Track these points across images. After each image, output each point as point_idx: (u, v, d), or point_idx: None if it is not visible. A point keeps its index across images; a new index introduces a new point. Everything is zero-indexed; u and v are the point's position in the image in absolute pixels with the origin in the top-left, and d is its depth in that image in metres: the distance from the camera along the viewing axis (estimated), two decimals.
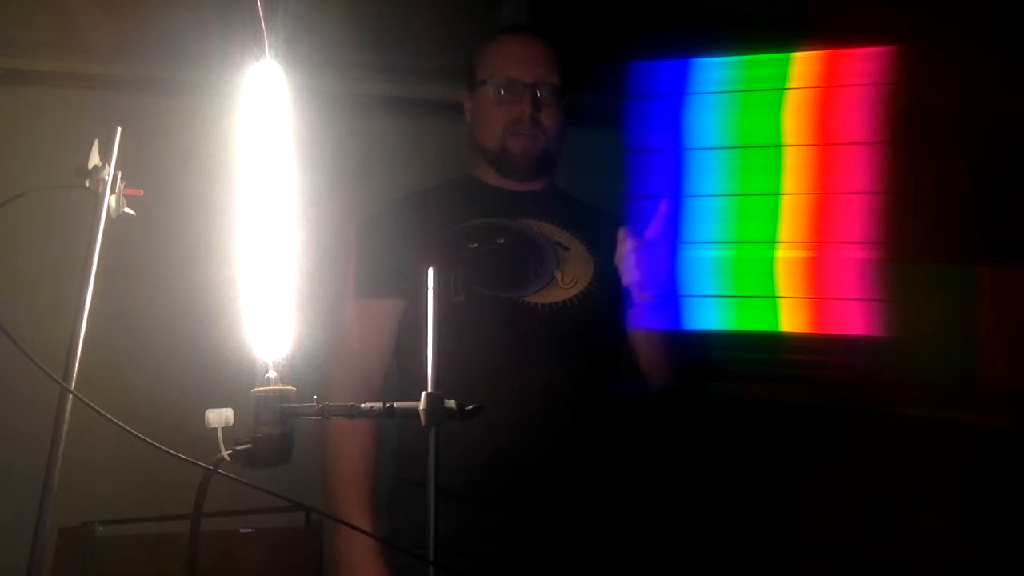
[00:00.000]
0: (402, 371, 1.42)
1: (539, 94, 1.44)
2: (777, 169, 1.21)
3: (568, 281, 1.39)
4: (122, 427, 0.75)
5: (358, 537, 1.29)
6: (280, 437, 0.80)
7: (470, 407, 0.80)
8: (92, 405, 0.77)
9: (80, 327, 0.89)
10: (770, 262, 1.20)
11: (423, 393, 0.80)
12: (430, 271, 0.83)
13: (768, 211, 1.21)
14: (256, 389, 0.82)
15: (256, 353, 0.83)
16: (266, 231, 0.86)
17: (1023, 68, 1.45)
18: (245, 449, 0.79)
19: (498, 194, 1.49)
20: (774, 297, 1.19)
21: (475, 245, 1.38)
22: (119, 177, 0.96)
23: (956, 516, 1.47)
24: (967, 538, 1.47)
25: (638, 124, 1.30)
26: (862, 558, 1.56)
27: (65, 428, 0.86)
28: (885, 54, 1.19)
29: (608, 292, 1.36)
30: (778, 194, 1.21)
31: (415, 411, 0.79)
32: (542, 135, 1.45)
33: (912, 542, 1.54)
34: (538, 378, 1.31)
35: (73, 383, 0.87)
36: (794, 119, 1.21)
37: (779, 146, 1.21)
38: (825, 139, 1.20)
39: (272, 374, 0.82)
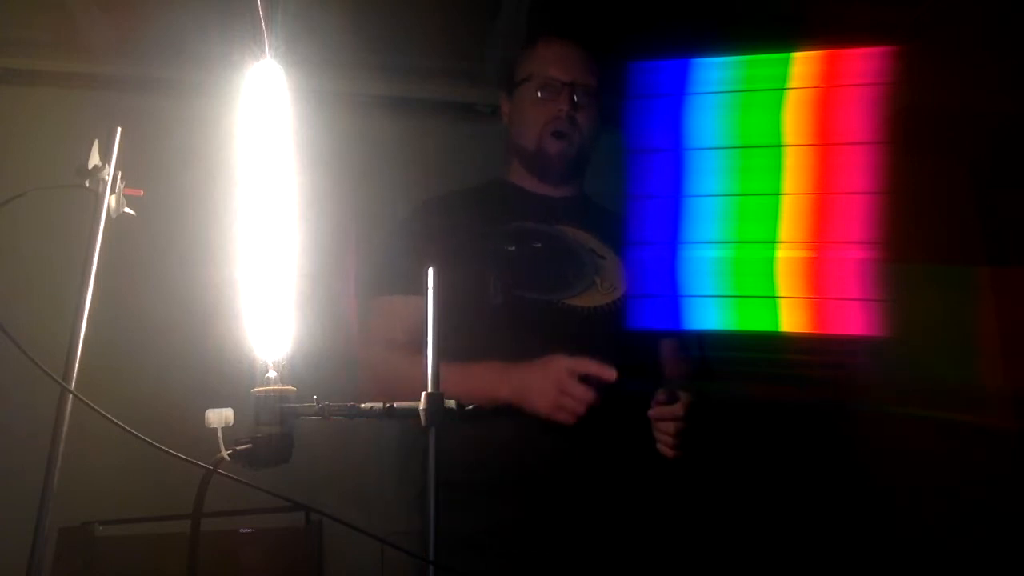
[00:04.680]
0: None
1: (576, 95, 1.45)
2: (777, 169, 1.21)
3: (607, 287, 1.40)
4: (122, 427, 0.75)
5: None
6: (280, 437, 0.80)
7: (469, 407, 0.80)
8: (92, 405, 0.77)
9: (80, 327, 0.89)
10: (770, 262, 1.20)
11: (423, 393, 0.80)
12: (430, 272, 0.83)
13: (768, 211, 1.21)
14: (256, 389, 0.82)
15: (256, 353, 0.83)
16: (266, 231, 0.86)
17: (1023, 68, 1.45)
18: (245, 449, 0.79)
19: (531, 199, 1.50)
20: (774, 297, 1.19)
21: (513, 248, 1.39)
22: (119, 177, 0.96)
23: (956, 515, 1.47)
24: (967, 537, 1.47)
25: (638, 124, 1.30)
26: (862, 557, 1.56)
27: (65, 428, 0.86)
28: (885, 54, 1.19)
29: None
30: (778, 194, 1.21)
31: (415, 411, 0.79)
32: (577, 134, 1.47)
33: (912, 541, 1.54)
34: None
35: (73, 383, 0.86)
36: (794, 119, 1.21)
37: (779, 146, 1.21)
38: (825, 139, 1.20)
39: (272, 374, 0.82)
